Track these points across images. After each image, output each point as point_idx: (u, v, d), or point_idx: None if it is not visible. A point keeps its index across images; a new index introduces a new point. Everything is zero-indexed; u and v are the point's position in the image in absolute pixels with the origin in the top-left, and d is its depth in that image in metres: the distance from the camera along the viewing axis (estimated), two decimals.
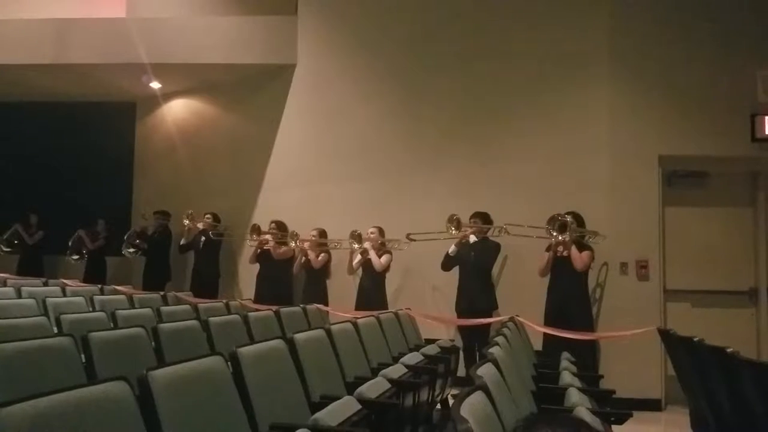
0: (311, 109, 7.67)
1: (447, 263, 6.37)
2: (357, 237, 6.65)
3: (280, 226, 7.31)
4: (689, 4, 6.48)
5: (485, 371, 2.21)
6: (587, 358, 5.49)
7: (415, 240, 6.42)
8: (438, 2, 7.24)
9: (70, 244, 8.60)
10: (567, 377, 3.60)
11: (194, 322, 3.95)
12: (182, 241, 8.01)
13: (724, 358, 3.31)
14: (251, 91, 8.15)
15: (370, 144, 7.28)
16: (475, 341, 5.96)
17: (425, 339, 5.64)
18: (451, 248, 6.30)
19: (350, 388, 3.22)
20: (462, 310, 6.24)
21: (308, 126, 7.69)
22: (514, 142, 6.76)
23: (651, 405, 5.92)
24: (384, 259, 6.61)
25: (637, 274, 6.26)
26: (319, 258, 7.02)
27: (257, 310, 5.49)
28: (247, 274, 7.63)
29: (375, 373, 3.59)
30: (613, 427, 2.87)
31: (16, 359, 2.50)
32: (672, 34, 6.45)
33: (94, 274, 8.40)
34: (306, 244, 7.03)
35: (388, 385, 3.23)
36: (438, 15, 7.18)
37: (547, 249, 6.01)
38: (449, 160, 6.94)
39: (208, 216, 7.91)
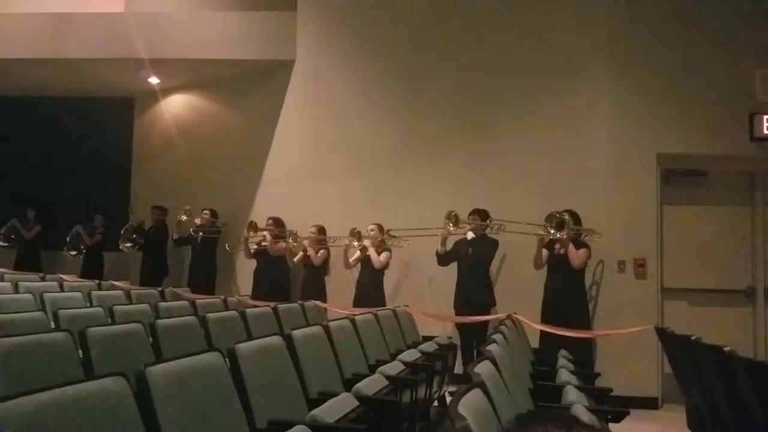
0: (310, 105, 7.65)
1: (442, 260, 6.36)
2: (356, 234, 6.64)
3: (278, 223, 7.31)
4: (689, 3, 6.48)
5: (483, 369, 2.21)
6: (584, 355, 5.50)
7: (395, 236, 6.46)
8: None
9: (67, 239, 8.59)
10: (564, 375, 3.60)
11: (192, 318, 3.95)
12: (175, 235, 8.01)
13: (721, 356, 3.32)
14: (250, 87, 8.13)
15: (369, 140, 7.27)
16: (473, 338, 5.97)
17: (423, 336, 5.64)
18: (439, 247, 6.27)
19: (348, 384, 3.22)
20: (460, 307, 6.24)
21: (307, 122, 7.67)
22: (513, 138, 6.76)
23: (648, 403, 5.94)
24: (383, 256, 6.61)
25: (634, 272, 6.27)
26: (319, 254, 7.01)
27: (255, 306, 5.49)
28: (245, 271, 7.63)
29: (373, 370, 3.59)
30: (610, 425, 2.87)
31: (13, 354, 2.50)
32: (671, 33, 6.45)
33: (92, 269, 8.39)
34: (305, 242, 7.02)
35: (386, 382, 3.23)
36: (437, 11, 7.16)
37: (540, 243, 5.97)
38: (448, 156, 6.94)
39: (205, 212, 7.90)
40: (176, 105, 8.73)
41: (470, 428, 1.43)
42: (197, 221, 7.86)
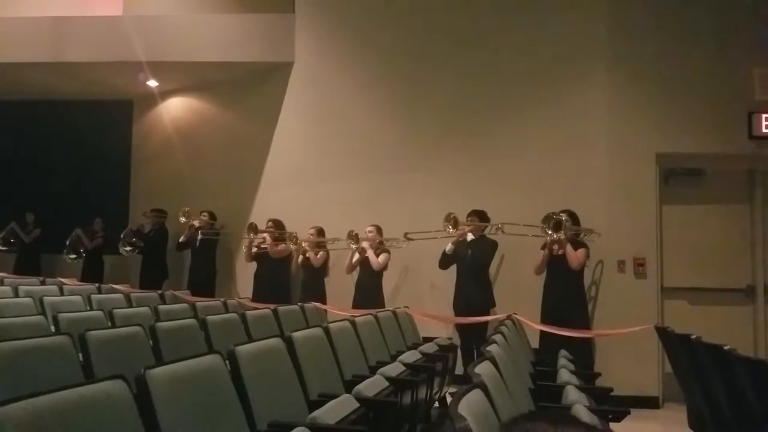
0: (309, 107, 7.66)
1: (444, 262, 6.37)
2: (354, 237, 6.65)
3: (278, 225, 7.31)
4: (687, 2, 6.49)
5: (483, 369, 2.21)
6: (584, 355, 5.50)
7: (412, 239, 6.43)
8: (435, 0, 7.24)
9: (67, 243, 8.58)
10: (565, 375, 3.60)
11: (192, 321, 3.95)
12: (181, 239, 8.00)
13: (722, 355, 3.32)
14: (249, 89, 8.14)
15: (367, 141, 7.28)
16: (473, 339, 5.97)
17: (423, 337, 5.64)
18: (448, 246, 6.31)
19: (348, 386, 3.22)
20: (459, 308, 6.24)
21: (306, 124, 7.68)
22: (512, 139, 6.76)
23: (649, 402, 5.94)
24: (382, 258, 6.61)
25: (634, 271, 6.27)
26: (318, 256, 7.02)
27: (255, 308, 5.49)
28: (245, 273, 7.63)
29: (373, 371, 3.59)
30: (611, 424, 2.87)
31: (13, 358, 2.50)
32: (670, 32, 6.46)
33: (92, 272, 8.38)
34: (304, 244, 7.03)
35: (386, 384, 3.23)
36: (435, 12, 7.17)
37: (543, 247, 6.01)
38: (447, 157, 6.94)
39: (204, 214, 7.90)
40: (175, 108, 8.74)
41: (470, 429, 1.43)
42: (195, 223, 7.86)
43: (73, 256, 8.60)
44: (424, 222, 6.35)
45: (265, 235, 7.25)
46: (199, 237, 7.85)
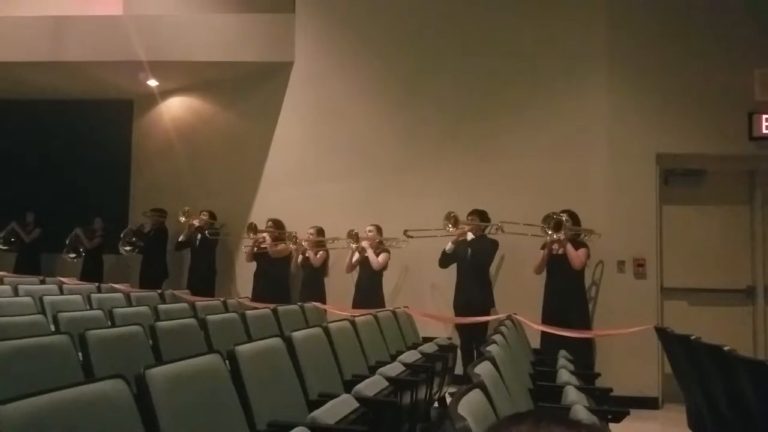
0: (309, 107, 7.66)
1: (444, 261, 6.38)
2: (354, 236, 6.65)
3: (278, 225, 7.31)
4: (687, 3, 6.49)
5: (483, 369, 2.21)
6: (584, 356, 5.50)
7: (412, 237, 6.43)
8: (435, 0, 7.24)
9: (67, 242, 8.58)
10: (564, 375, 3.60)
11: (192, 321, 3.95)
12: (180, 238, 8.00)
13: (721, 356, 3.32)
14: (249, 89, 8.13)
15: (367, 141, 7.28)
16: (473, 339, 5.97)
17: (423, 337, 5.64)
18: (448, 245, 6.32)
19: (348, 386, 3.22)
20: (459, 308, 6.24)
21: (306, 124, 7.68)
22: (512, 139, 6.77)
23: (648, 403, 5.94)
24: (382, 257, 6.61)
25: (634, 272, 6.28)
26: (318, 255, 7.02)
27: (255, 308, 5.49)
28: (245, 272, 7.63)
29: (373, 371, 3.59)
30: (611, 425, 2.87)
31: (13, 357, 2.50)
32: (670, 33, 6.46)
33: (92, 272, 8.38)
34: (304, 243, 7.03)
35: (386, 384, 3.23)
36: (436, 12, 7.18)
37: (543, 247, 6.02)
38: (447, 157, 6.95)
39: (204, 214, 7.90)
40: (175, 107, 8.73)
41: (470, 429, 1.43)
42: (195, 222, 7.86)
43: (73, 255, 8.59)
44: (424, 222, 6.35)
45: (264, 234, 7.25)
46: (199, 237, 7.85)
